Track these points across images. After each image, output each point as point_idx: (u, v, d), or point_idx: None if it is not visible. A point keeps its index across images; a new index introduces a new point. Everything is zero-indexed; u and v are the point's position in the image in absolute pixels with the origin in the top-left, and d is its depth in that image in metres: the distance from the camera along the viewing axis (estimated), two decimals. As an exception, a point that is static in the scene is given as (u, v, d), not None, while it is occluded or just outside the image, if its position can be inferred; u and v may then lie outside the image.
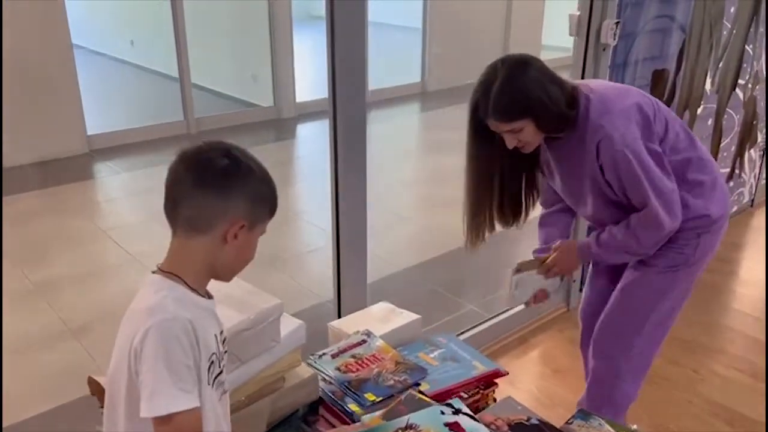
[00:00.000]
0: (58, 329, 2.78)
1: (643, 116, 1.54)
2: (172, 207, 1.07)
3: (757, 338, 2.72)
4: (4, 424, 2.20)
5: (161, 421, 0.98)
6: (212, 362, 1.06)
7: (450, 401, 1.26)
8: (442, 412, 1.20)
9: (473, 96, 1.52)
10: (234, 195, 1.05)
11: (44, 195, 4.36)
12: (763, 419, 2.22)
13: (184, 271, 1.07)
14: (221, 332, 1.14)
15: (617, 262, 1.76)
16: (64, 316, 2.86)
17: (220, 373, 1.10)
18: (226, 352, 1.16)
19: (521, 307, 2.74)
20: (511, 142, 1.54)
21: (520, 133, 1.51)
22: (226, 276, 1.13)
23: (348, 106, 1.91)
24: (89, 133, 5.09)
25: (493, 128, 1.53)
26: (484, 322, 2.64)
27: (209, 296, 1.13)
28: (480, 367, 1.63)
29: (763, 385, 2.41)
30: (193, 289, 1.07)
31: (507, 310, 2.72)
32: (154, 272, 1.09)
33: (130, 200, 4.48)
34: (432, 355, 1.69)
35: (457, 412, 1.20)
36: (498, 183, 1.69)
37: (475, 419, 1.19)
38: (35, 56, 4.62)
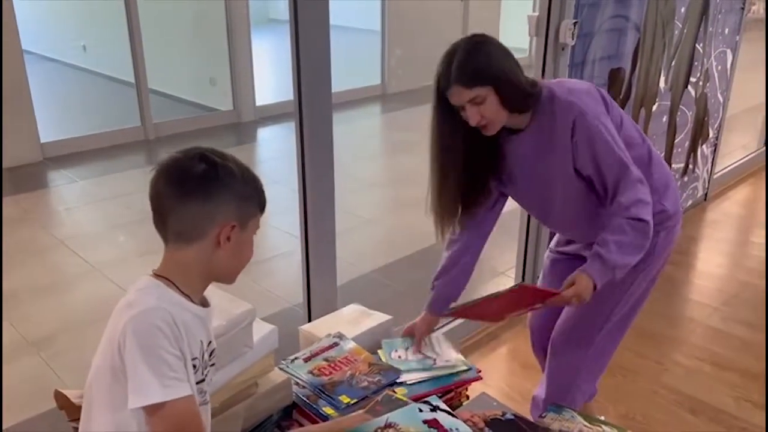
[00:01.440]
0: (17, 343, 2.69)
1: (603, 99, 1.56)
2: (160, 221, 1.07)
3: (715, 327, 2.81)
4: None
5: (152, 410, 0.96)
6: (194, 366, 1.04)
7: (427, 399, 1.26)
8: (420, 410, 1.21)
9: (437, 71, 1.49)
10: (218, 198, 1.05)
11: (-4, 205, 4.23)
12: (725, 407, 2.30)
13: (176, 277, 1.06)
14: (209, 343, 1.12)
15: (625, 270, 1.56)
16: (22, 329, 2.77)
17: (203, 381, 1.08)
18: (213, 365, 1.14)
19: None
20: (473, 117, 1.47)
21: (483, 105, 1.46)
22: (227, 278, 1.14)
23: (314, 108, 1.90)
24: (43, 140, 4.96)
25: (455, 101, 1.48)
26: (453, 321, 2.65)
27: (205, 305, 1.11)
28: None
29: (724, 373, 2.49)
30: (185, 295, 1.07)
31: (475, 309, 2.75)
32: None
33: (88, 209, 4.37)
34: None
35: (434, 409, 1.21)
36: (461, 170, 1.62)
37: (453, 415, 1.20)
38: (-17, 62, 4.47)
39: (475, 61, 1.45)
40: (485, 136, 1.54)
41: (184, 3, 6.26)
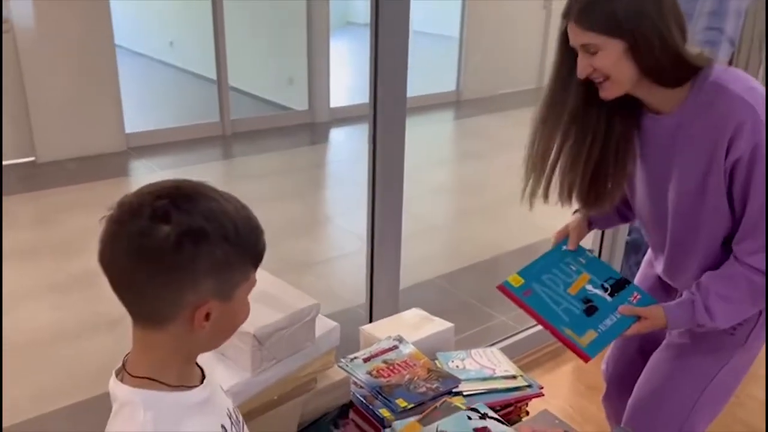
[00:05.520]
0: (92, 321, 2.82)
1: None
2: (115, 289, 0.81)
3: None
4: (35, 414, 2.23)
5: None
6: None
7: (475, 406, 1.23)
8: (469, 417, 1.18)
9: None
10: (187, 274, 0.78)
11: (81, 190, 4.44)
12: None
13: (157, 370, 0.83)
14: (228, 411, 0.94)
15: (722, 326, 1.31)
16: (97, 309, 2.89)
17: None
18: (242, 427, 0.98)
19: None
20: (580, 66, 1.20)
21: (596, 56, 1.17)
22: (212, 348, 0.92)
23: (388, 112, 1.91)
24: (128, 131, 5.18)
25: (571, 41, 1.21)
26: (516, 334, 2.60)
27: (202, 377, 0.91)
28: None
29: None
30: (179, 387, 0.85)
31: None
32: (118, 373, 0.86)
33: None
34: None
35: (483, 416, 1.18)
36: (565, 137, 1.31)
37: (503, 423, 1.16)
38: (80, 55, 4.72)
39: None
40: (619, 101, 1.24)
41: (267, 4, 6.43)
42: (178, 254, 0.76)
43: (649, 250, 1.59)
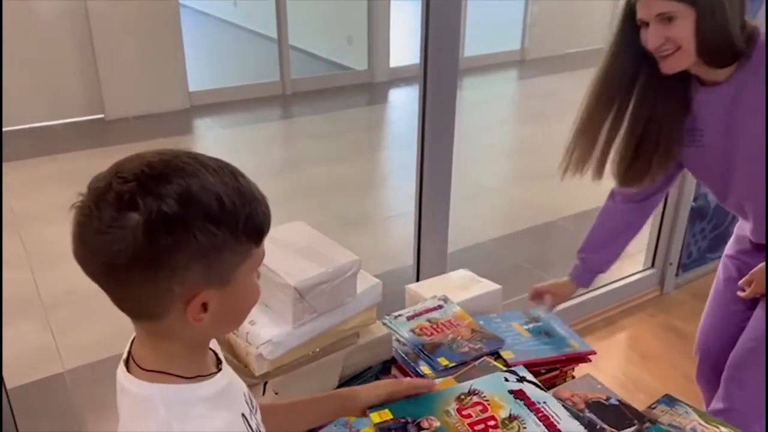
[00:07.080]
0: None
1: None
2: (98, 285, 0.70)
3: None
4: (98, 358, 2.36)
5: None
6: None
7: (514, 368, 1.21)
8: (506, 379, 1.15)
9: None
10: (167, 266, 0.66)
11: (146, 147, 4.53)
12: None
13: (168, 363, 0.75)
14: (245, 396, 0.87)
15: None
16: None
17: None
18: (255, 412, 0.89)
19: (610, 287, 2.65)
20: (653, 36, 1.23)
21: (672, 25, 1.22)
22: (221, 335, 0.84)
23: (439, 72, 1.87)
24: (191, 89, 5.29)
25: (642, 13, 1.24)
26: (569, 300, 2.54)
27: (218, 362, 0.83)
28: (574, 346, 1.56)
29: None
30: (195, 378, 0.76)
31: (594, 289, 2.61)
32: (128, 366, 0.77)
33: (227, 157, 4.61)
34: (526, 327, 1.63)
35: (521, 379, 1.15)
36: (617, 116, 1.39)
37: (541, 388, 1.13)
38: (145, 15, 4.82)
39: None
40: (670, 80, 1.31)
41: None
42: (151, 246, 0.65)
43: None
